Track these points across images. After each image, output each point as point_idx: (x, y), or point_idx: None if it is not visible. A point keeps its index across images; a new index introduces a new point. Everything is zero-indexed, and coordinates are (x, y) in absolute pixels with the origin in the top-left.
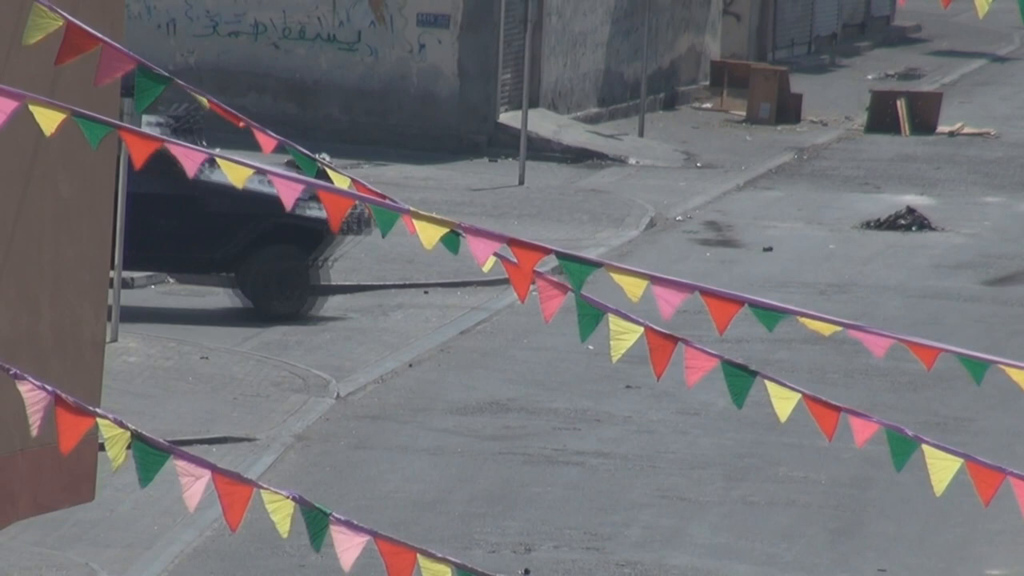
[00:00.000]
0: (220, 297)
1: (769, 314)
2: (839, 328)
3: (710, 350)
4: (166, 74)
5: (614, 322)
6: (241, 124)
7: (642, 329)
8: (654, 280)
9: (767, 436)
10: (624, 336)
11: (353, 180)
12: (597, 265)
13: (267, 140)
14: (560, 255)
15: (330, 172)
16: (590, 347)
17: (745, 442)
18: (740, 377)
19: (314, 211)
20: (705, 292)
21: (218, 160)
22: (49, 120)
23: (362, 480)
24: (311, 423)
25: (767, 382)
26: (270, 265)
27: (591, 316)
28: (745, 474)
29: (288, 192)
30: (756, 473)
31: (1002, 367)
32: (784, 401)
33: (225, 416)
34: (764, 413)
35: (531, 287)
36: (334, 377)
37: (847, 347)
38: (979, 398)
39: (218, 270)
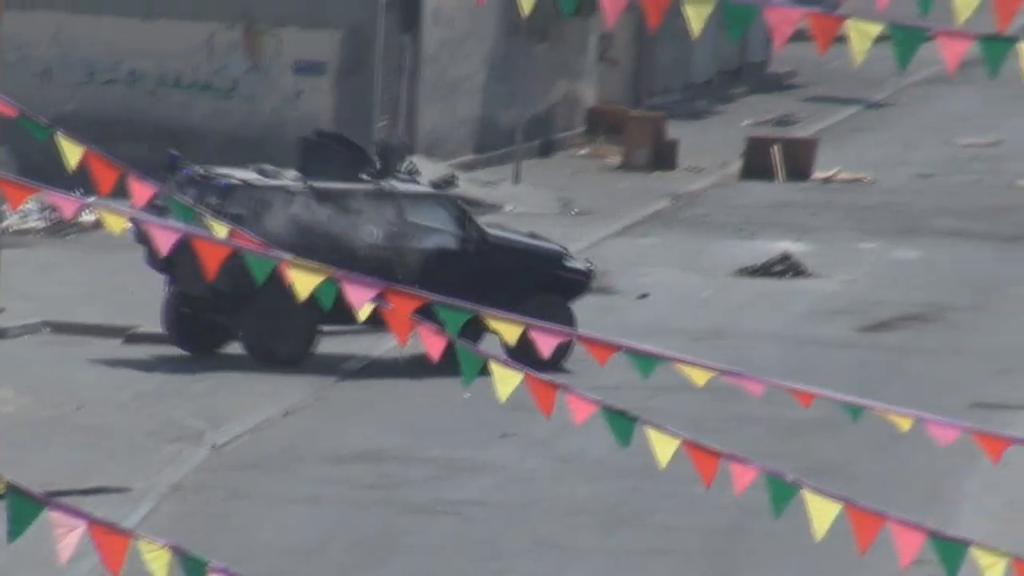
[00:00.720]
0: (96, 347)
1: (645, 360)
2: (714, 374)
3: (590, 396)
4: (46, 122)
5: (496, 368)
6: (119, 173)
7: (522, 375)
8: (531, 326)
9: (643, 483)
10: (507, 382)
11: (231, 228)
12: (471, 312)
13: (144, 188)
14: (436, 302)
15: (208, 220)
16: (466, 395)
17: (621, 490)
18: (621, 423)
19: (575, 263)
20: (582, 337)
21: (95, 207)
22: None
23: (238, 530)
24: (187, 473)
25: (647, 427)
26: (536, 316)
27: (473, 362)
28: (622, 522)
29: (164, 240)
30: (633, 521)
31: (879, 411)
32: (664, 447)
33: (100, 466)
34: (640, 461)
35: (411, 333)
36: (210, 426)
37: (723, 394)
38: (855, 444)
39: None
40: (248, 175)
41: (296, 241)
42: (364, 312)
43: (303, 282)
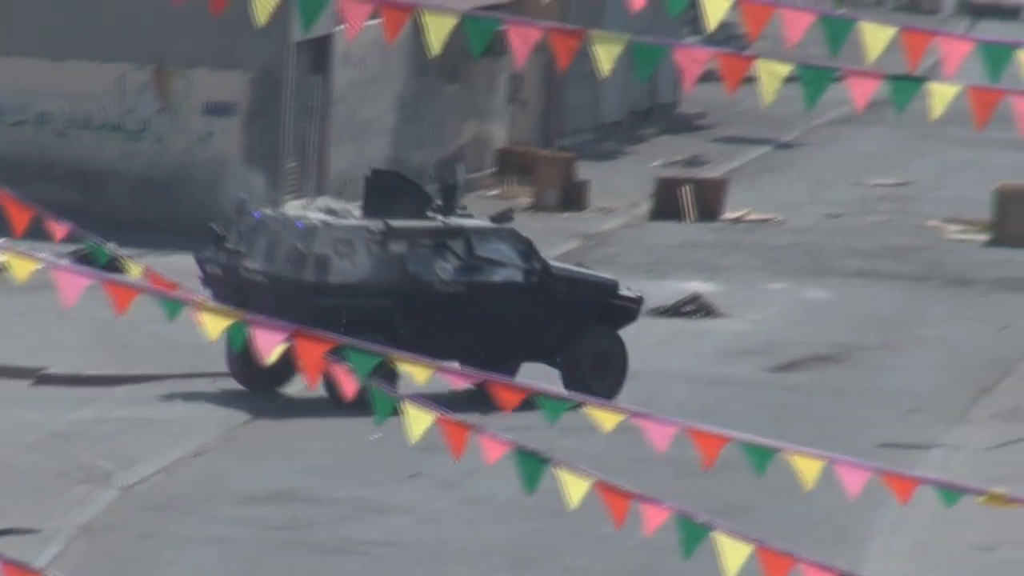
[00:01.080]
0: (5, 387)
1: (554, 403)
2: (624, 417)
3: (502, 436)
4: None
5: (409, 409)
6: (32, 214)
7: (435, 416)
8: (439, 368)
9: (553, 525)
10: (419, 422)
11: (145, 269)
12: (379, 355)
13: (58, 228)
14: (345, 345)
15: (122, 261)
16: (374, 436)
17: (531, 531)
18: (532, 463)
19: (627, 292)
20: (491, 381)
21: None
22: None
23: (147, 571)
24: (96, 514)
25: (558, 469)
26: (589, 346)
27: (386, 403)
28: (532, 563)
29: (71, 287)
30: (544, 562)
31: (786, 454)
32: (575, 487)
33: (9, 508)
34: (550, 502)
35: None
36: (119, 467)
37: (632, 434)
38: (764, 485)
39: (546, 354)
40: (319, 215)
41: (377, 279)
42: (274, 355)
43: (213, 324)
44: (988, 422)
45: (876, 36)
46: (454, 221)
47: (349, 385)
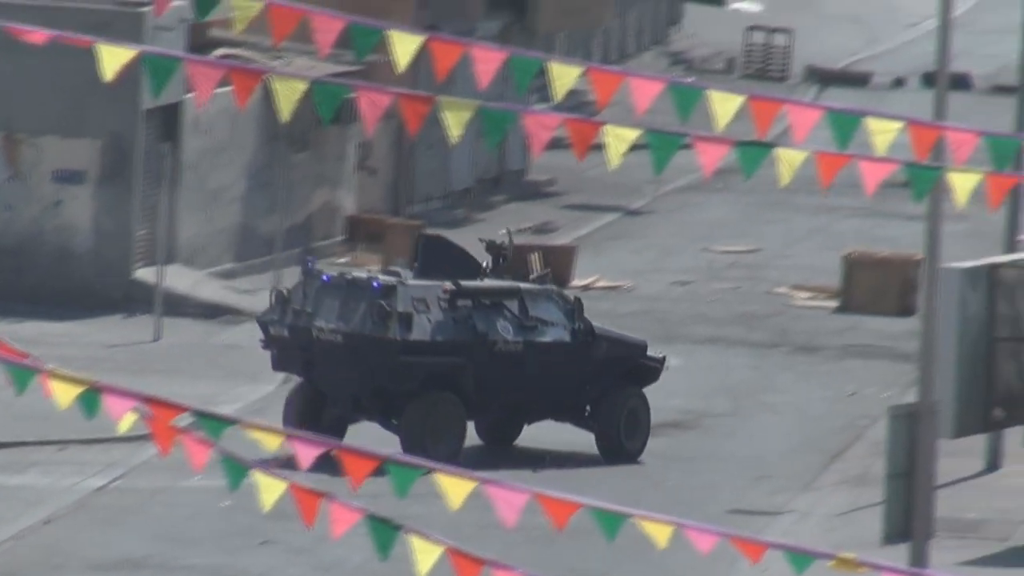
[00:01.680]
0: None
1: (405, 471)
2: (474, 484)
3: (355, 504)
4: None
5: (260, 477)
6: None
7: (287, 484)
8: (290, 437)
9: None
10: (271, 491)
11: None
12: (233, 422)
13: None
14: (197, 412)
15: None
16: (225, 503)
17: None
18: (385, 530)
19: (652, 353)
20: (342, 449)
21: None
22: None
23: None
24: None
25: (410, 535)
26: (623, 404)
27: (238, 470)
28: None
29: None
30: None
31: (637, 520)
32: (426, 554)
33: None
34: (401, 568)
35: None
36: None
37: (483, 500)
38: (616, 550)
39: (577, 412)
40: (386, 277)
41: (449, 337)
42: (126, 422)
43: (63, 392)
44: (837, 488)
45: (724, 104)
46: (509, 282)
47: (201, 453)
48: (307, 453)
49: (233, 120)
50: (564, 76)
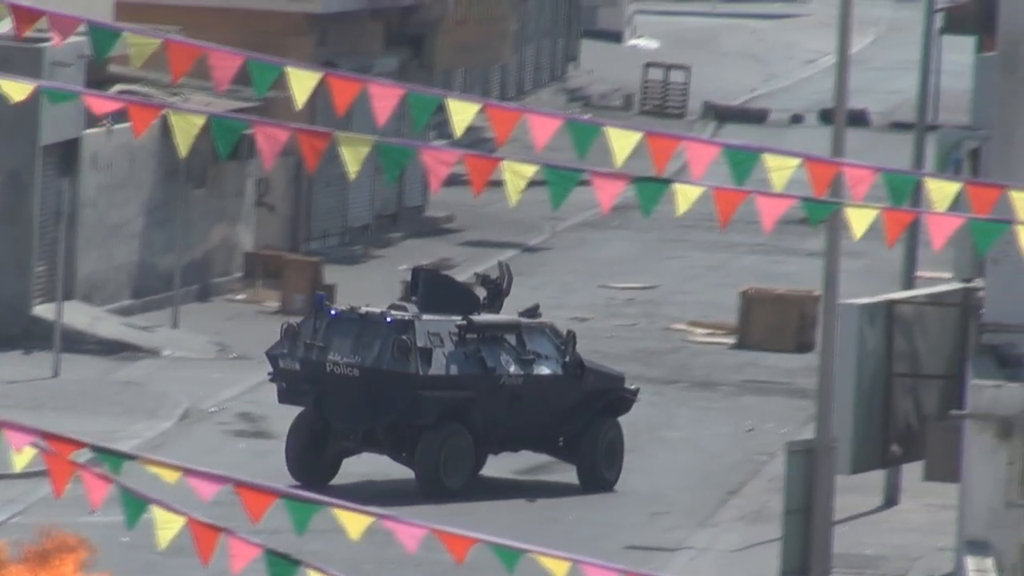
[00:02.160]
0: None
1: (303, 506)
2: (372, 520)
3: (254, 540)
4: None
5: (158, 512)
6: None
7: (185, 518)
8: (188, 472)
9: None
10: (169, 526)
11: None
12: (131, 457)
13: None
14: (95, 448)
15: None
16: (124, 539)
17: None
18: (283, 566)
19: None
20: (239, 483)
21: None
22: None
23: None
24: None
25: (309, 571)
26: (604, 435)
27: (136, 506)
28: None
29: None
30: None
31: (535, 556)
32: None
33: None
34: None
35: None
36: None
37: (382, 536)
38: None
39: (554, 443)
40: (398, 312)
41: (461, 372)
42: (23, 459)
43: None
44: (734, 524)
45: (622, 140)
46: (510, 317)
47: (99, 489)
48: (206, 488)
49: (132, 156)
50: (462, 112)
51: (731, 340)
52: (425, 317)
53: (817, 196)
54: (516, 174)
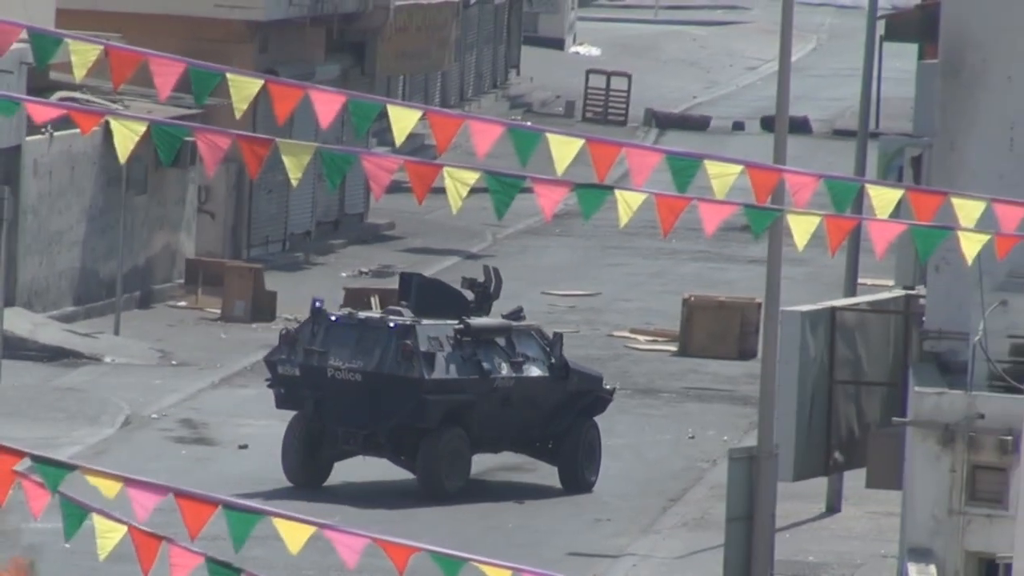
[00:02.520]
0: None
1: (243, 516)
2: (313, 530)
3: (196, 548)
4: None
5: (99, 521)
6: None
7: (126, 528)
8: (128, 482)
9: None
10: (109, 535)
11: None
12: (72, 468)
13: None
14: (35, 458)
15: None
16: (66, 545)
17: None
18: (225, 574)
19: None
20: (179, 494)
21: None
22: None
23: None
24: None
25: None
26: (584, 436)
27: (76, 515)
28: None
29: None
30: None
31: (477, 564)
32: None
33: None
34: None
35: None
36: None
37: (322, 544)
38: None
39: (536, 444)
40: (398, 317)
41: (460, 376)
42: None
43: None
44: (676, 531)
45: (564, 148)
46: (501, 321)
47: (39, 499)
48: (145, 500)
49: (73, 164)
50: (403, 120)
51: (673, 347)
52: (425, 322)
53: (759, 203)
54: (458, 181)
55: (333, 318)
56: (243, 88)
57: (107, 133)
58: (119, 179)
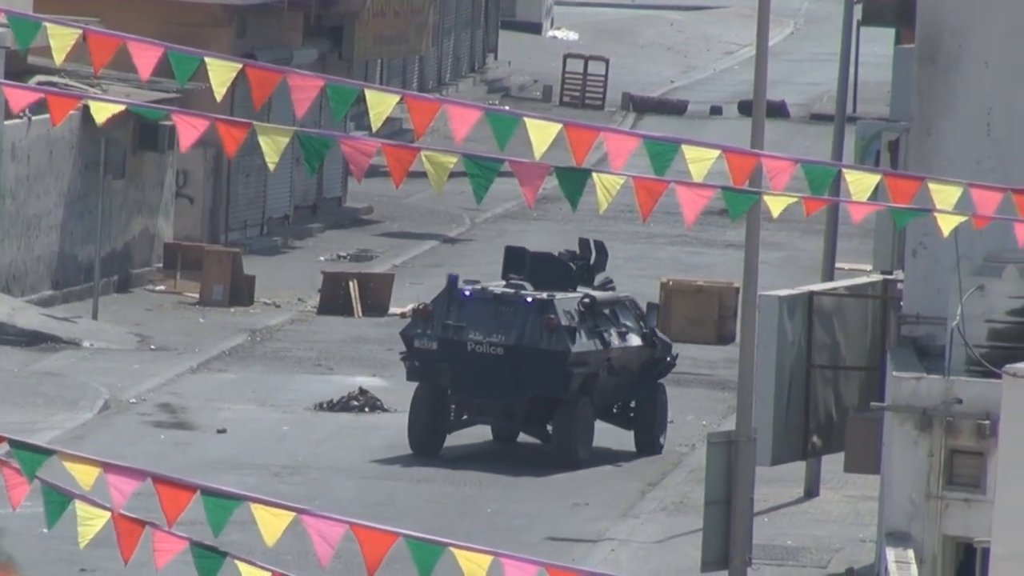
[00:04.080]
0: None
1: (222, 501)
2: (293, 516)
3: (179, 533)
4: None
5: (81, 508)
6: None
7: (109, 514)
8: (107, 467)
9: None
10: (91, 522)
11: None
12: (50, 452)
13: None
14: (13, 443)
15: None
16: (44, 530)
17: None
18: (210, 558)
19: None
20: (158, 479)
21: None
22: None
23: None
24: None
25: (238, 562)
26: (659, 400)
27: (58, 502)
28: None
29: None
30: None
31: (454, 549)
32: None
33: None
34: None
35: None
36: None
37: (302, 529)
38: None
39: (623, 411)
40: (520, 289)
41: (590, 348)
42: None
43: None
44: (655, 516)
45: (542, 132)
46: (613, 293)
47: (19, 487)
48: (123, 486)
49: (51, 147)
50: (381, 104)
51: None
52: (559, 296)
53: (736, 186)
54: (437, 165)
55: (467, 293)
56: (222, 72)
57: (85, 118)
58: (97, 163)
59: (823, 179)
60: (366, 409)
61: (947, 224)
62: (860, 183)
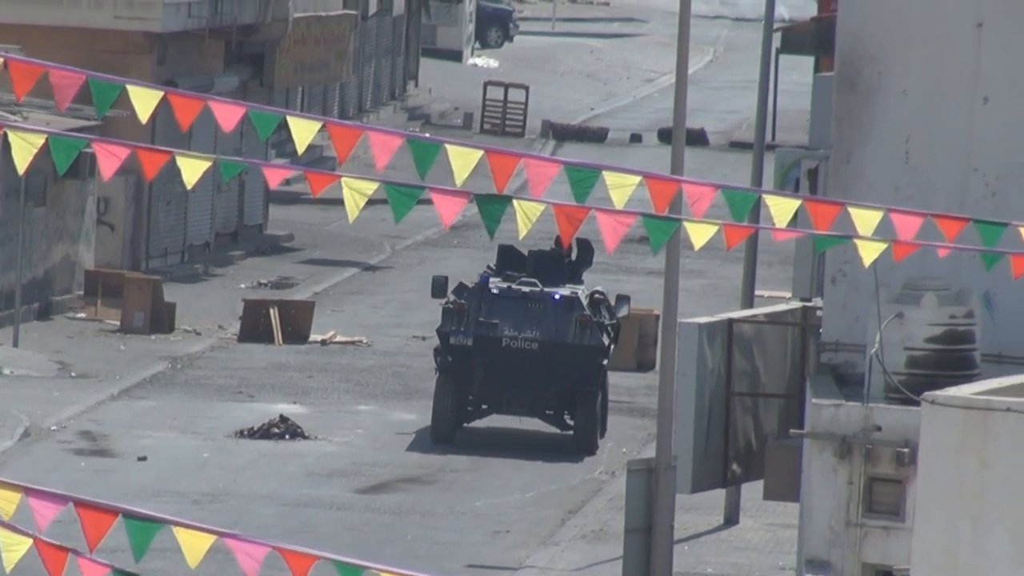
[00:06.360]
0: None
1: (144, 525)
2: (213, 539)
3: (102, 560)
4: None
5: (3, 534)
6: None
7: (31, 540)
8: (29, 492)
9: None
10: (15, 548)
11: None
12: None
13: None
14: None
15: None
16: None
17: None
18: None
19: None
20: (79, 503)
21: None
22: None
23: None
24: None
25: None
26: (598, 404)
27: None
28: None
29: None
30: None
31: (378, 572)
32: None
33: None
34: None
35: None
36: None
37: (224, 555)
38: None
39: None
40: (537, 287)
41: (607, 341)
42: None
43: None
44: (575, 543)
45: (463, 159)
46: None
47: None
48: (46, 511)
49: None
50: (303, 130)
51: None
52: (580, 291)
53: (658, 213)
54: (355, 191)
55: (495, 291)
56: (144, 99)
57: (5, 145)
58: (18, 191)
59: (744, 204)
60: (287, 436)
61: (869, 253)
62: (781, 207)
